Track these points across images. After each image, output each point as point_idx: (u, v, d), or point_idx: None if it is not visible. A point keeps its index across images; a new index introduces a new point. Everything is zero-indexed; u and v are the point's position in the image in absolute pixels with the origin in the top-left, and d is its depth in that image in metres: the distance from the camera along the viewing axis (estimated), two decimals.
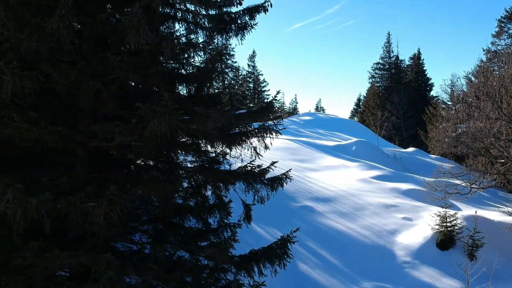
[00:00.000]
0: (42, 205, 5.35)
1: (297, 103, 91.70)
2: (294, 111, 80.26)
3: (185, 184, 8.99)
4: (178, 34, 8.53)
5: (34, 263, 5.82)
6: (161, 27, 8.53)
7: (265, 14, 8.67)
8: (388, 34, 67.78)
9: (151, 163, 8.86)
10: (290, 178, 8.81)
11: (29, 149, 6.40)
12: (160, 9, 7.96)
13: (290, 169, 9.24)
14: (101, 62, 6.49)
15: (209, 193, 9.30)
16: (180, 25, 8.76)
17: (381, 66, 64.62)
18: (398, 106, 52.11)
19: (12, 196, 5.22)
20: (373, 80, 64.94)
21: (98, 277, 6.02)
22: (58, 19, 5.68)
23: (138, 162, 8.89)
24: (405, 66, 64.55)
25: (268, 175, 8.64)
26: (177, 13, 8.62)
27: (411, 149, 38.64)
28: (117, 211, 5.79)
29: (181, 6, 8.44)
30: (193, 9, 8.45)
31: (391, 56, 64.04)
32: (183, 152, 9.00)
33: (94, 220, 5.72)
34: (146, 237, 8.44)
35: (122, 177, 6.95)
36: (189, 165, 8.96)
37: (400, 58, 64.31)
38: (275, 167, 8.72)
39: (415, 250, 14.43)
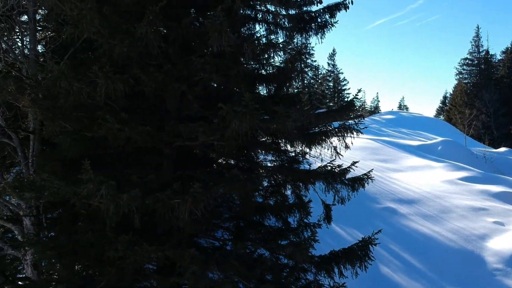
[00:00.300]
0: (132, 201, 5.65)
1: (378, 101, 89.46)
2: (375, 110, 78.30)
3: (265, 183, 9.07)
4: (258, 35, 8.65)
5: (125, 255, 6.16)
6: (242, 29, 8.67)
7: (346, 11, 8.54)
8: (477, 27, 63.95)
9: (232, 162, 9.03)
10: (371, 179, 8.61)
11: (120, 148, 6.78)
12: (241, 11, 8.08)
13: (372, 169, 9.01)
14: (186, 65, 6.71)
15: (288, 192, 9.32)
16: (260, 26, 8.85)
17: (470, 62, 61.21)
18: (488, 104, 49.04)
19: (106, 192, 5.57)
20: (461, 76, 61.75)
21: (183, 272, 6.25)
22: (146, 24, 5.98)
23: (220, 161, 9.11)
24: (496, 61, 60.66)
25: (348, 175, 8.50)
26: (258, 14, 8.72)
27: (502, 149, 36.26)
28: (201, 208, 5.97)
29: (262, 7, 8.53)
30: (273, 9, 8.51)
31: (481, 51, 60.45)
32: (263, 152, 9.08)
33: (179, 216, 5.96)
34: (227, 234, 8.64)
35: (205, 176, 7.16)
36: (269, 164, 9.03)
37: (490, 53, 60.56)
38: (356, 167, 8.54)
39: (508, 257, 13.48)
